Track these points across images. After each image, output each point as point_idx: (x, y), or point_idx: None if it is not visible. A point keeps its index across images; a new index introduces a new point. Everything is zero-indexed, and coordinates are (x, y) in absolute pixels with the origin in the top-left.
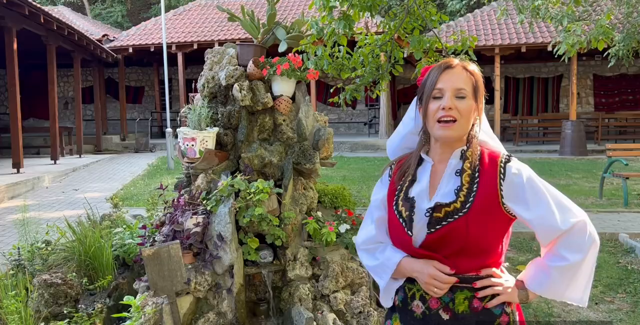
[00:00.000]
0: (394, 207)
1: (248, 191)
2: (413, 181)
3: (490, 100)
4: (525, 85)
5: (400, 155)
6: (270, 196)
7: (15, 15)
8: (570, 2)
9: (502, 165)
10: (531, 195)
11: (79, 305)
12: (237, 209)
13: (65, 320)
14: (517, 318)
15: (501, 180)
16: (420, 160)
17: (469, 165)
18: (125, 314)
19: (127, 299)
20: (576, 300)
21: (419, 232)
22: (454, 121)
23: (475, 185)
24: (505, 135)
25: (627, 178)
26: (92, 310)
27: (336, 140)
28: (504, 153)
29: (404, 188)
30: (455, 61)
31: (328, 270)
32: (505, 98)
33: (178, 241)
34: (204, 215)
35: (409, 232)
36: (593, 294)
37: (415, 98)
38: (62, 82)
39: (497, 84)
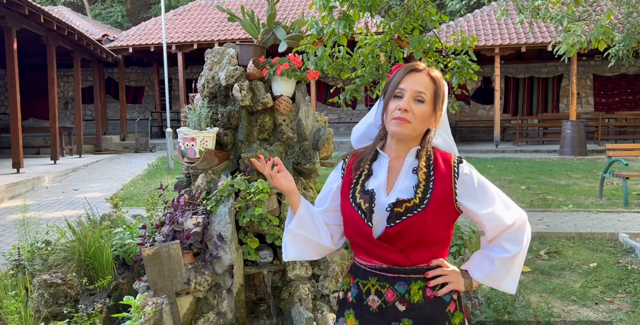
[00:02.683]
0: (351, 199)
1: (248, 191)
2: (369, 175)
3: (490, 100)
4: (525, 85)
5: (362, 144)
6: (270, 196)
7: (15, 15)
8: (570, 2)
9: (456, 165)
10: (481, 194)
11: (79, 305)
12: (237, 209)
13: (65, 320)
14: (461, 304)
15: (455, 180)
16: (376, 155)
17: (424, 164)
18: (125, 314)
19: (127, 299)
20: (509, 288)
21: (377, 224)
22: (408, 122)
23: (431, 183)
24: (505, 135)
25: (627, 178)
26: (92, 310)
27: (336, 140)
28: (455, 155)
29: (360, 181)
30: (422, 65)
31: (328, 270)
32: (505, 98)
33: (178, 241)
34: (204, 215)
35: (369, 223)
36: (593, 294)
37: (382, 93)
38: (62, 82)
39: (497, 84)
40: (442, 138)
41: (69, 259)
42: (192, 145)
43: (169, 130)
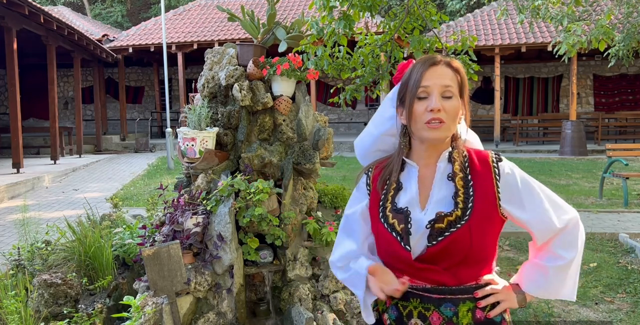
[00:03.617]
0: (382, 220)
1: (248, 191)
2: (398, 189)
3: (490, 100)
4: (525, 85)
5: (373, 158)
6: (270, 196)
7: (15, 15)
8: (570, 2)
9: (495, 165)
10: (526, 195)
11: (79, 305)
12: (237, 209)
13: (65, 320)
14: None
15: (497, 182)
16: (402, 166)
17: (459, 167)
18: (125, 314)
19: (127, 299)
20: (568, 296)
21: (416, 245)
22: (442, 122)
23: (471, 189)
24: (505, 135)
25: (627, 178)
26: (92, 310)
27: (336, 140)
28: (491, 152)
29: (390, 197)
30: (439, 56)
31: (328, 270)
32: (505, 98)
33: (178, 241)
34: (204, 215)
35: (407, 246)
36: (593, 294)
37: (389, 96)
38: (62, 82)
39: (497, 84)
40: (466, 132)
41: (69, 259)
42: (192, 145)
43: (169, 130)
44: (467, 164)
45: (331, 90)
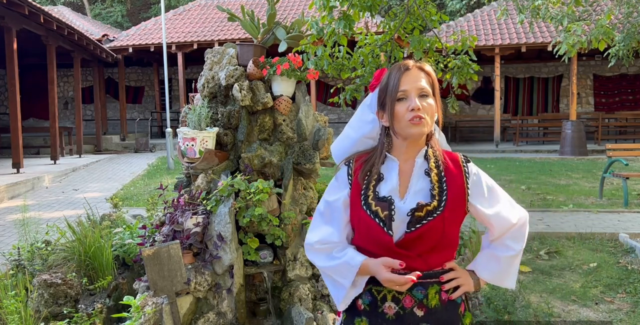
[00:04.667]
0: (364, 207)
1: (248, 191)
2: (379, 180)
3: (490, 100)
4: (525, 85)
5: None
6: (270, 196)
7: (15, 15)
8: (570, 2)
9: (465, 165)
10: (489, 193)
11: (79, 305)
12: (237, 209)
13: (65, 320)
14: (469, 304)
15: (467, 180)
16: (383, 159)
17: (434, 164)
18: (125, 314)
19: (127, 299)
20: (511, 284)
21: (396, 231)
22: (423, 119)
23: (444, 185)
24: (505, 135)
25: (627, 178)
26: (92, 310)
27: None
28: (460, 154)
29: (371, 187)
30: (410, 62)
31: None
32: (505, 98)
33: (178, 241)
34: (204, 215)
35: (390, 231)
36: (593, 294)
37: (366, 102)
38: (62, 82)
39: (497, 84)
40: (437, 132)
41: (69, 259)
42: (192, 145)
43: (169, 130)
44: (440, 162)
45: (331, 90)
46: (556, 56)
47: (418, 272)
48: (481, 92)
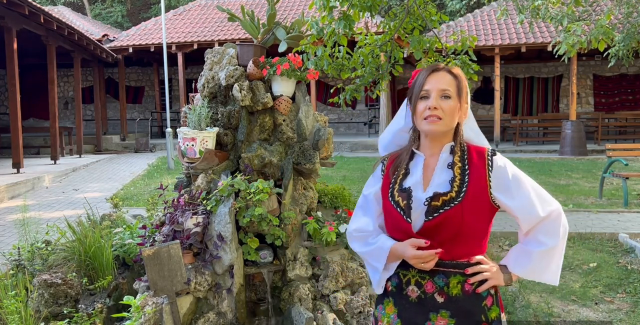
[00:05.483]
0: (390, 198)
1: (248, 191)
2: (406, 174)
3: (490, 100)
4: (525, 85)
5: (391, 150)
6: (270, 196)
7: (15, 15)
8: (570, 2)
9: (489, 158)
10: (515, 185)
11: (79, 305)
12: (237, 209)
13: (65, 320)
14: (499, 298)
15: (489, 172)
16: (412, 155)
17: (458, 158)
18: (125, 314)
19: (127, 299)
20: (550, 280)
21: (417, 219)
22: (440, 119)
23: (466, 177)
24: (505, 135)
25: (627, 178)
26: (92, 310)
27: (336, 140)
28: (488, 148)
29: (398, 180)
30: (442, 65)
31: (328, 270)
32: (505, 98)
33: (178, 241)
34: (204, 215)
35: (408, 219)
36: (593, 294)
37: (407, 98)
38: (62, 82)
39: (497, 84)
40: (472, 131)
41: (69, 259)
42: (192, 145)
43: (169, 130)
44: (465, 156)
45: (331, 90)
46: (556, 56)
47: (440, 249)
48: (481, 92)
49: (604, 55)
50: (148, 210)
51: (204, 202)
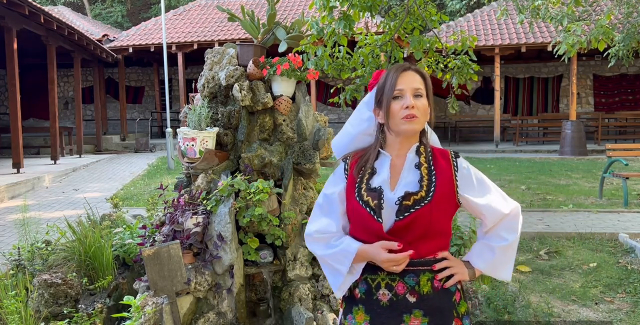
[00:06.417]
0: (357, 198)
1: (248, 191)
2: (373, 174)
3: (490, 100)
4: (525, 85)
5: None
6: (270, 196)
7: (15, 15)
8: (570, 2)
9: (454, 160)
10: (479, 186)
11: (79, 305)
12: (237, 209)
13: (65, 320)
14: (464, 293)
15: (455, 173)
16: (377, 155)
17: (424, 159)
18: (125, 314)
19: (127, 299)
20: (506, 276)
21: (386, 220)
22: (416, 117)
23: (433, 177)
24: (505, 135)
25: (627, 178)
26: (92, 310)
27: None
28: (450, 150)
29: (365, 180)
30: (407, 64)
31: None
32: (505, 98)
33: (178, 241)
34: (204, 215)
35: (379, 219)
36: (593, 294)
37: (365, 100)
38: (62, 82)
39: (497, 84)
40: (430, 131)
41: (69, 259)
42: (192, 145)
43: (169, 130)
44: (430, 157)
45: (331, 90)
46: (556, 56)
47: (412, 251)
48: (481, 92)
49: (604, 55)
50: (148, 210)
51: (204, 202)
